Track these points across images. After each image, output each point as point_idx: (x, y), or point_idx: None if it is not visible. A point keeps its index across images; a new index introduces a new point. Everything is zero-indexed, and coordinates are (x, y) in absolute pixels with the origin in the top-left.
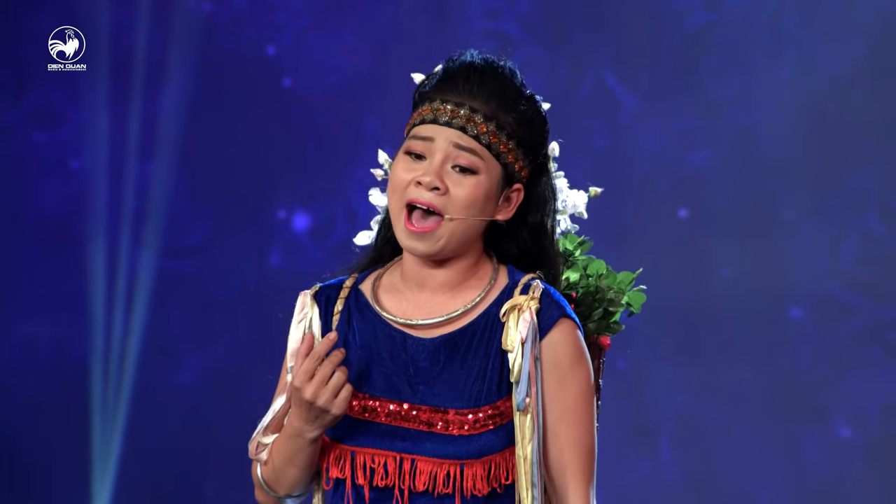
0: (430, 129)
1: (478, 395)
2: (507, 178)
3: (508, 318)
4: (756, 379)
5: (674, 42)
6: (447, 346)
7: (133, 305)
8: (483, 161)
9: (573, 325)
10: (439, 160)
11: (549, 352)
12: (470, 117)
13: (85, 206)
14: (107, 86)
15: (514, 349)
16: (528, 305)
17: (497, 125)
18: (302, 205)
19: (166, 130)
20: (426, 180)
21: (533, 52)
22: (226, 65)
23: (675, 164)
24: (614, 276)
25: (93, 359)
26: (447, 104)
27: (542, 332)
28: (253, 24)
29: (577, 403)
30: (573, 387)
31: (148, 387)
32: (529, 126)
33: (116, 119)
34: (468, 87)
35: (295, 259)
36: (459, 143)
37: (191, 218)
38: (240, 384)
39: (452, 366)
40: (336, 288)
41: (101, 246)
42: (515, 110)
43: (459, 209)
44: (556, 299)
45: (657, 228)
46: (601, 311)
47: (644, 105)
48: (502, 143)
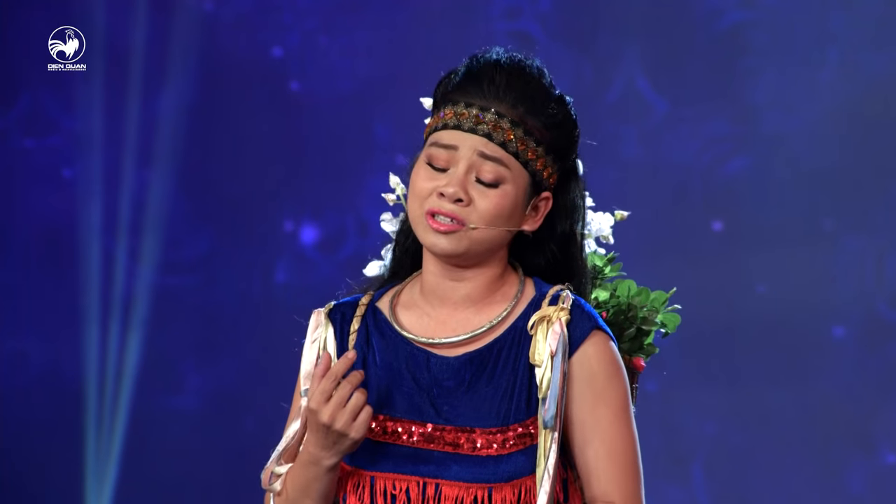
0: (452, 135)
1: (506, 414)
2: (535, 185)
3: (537, 330)
4: (796, 403)
5: (707, 42)
6: (472, 364)
7: (130, 323)
8: (509, 170)
9: (607, 338)
10: (463, 170)
11: (582, 366)
12: (496, 123)
13: (78, 216)
14: (102, 89)
15: (542, 363)
16: (558, 317)
17: (525, 131)
18: (310, 216)
19: (165, 137)
20: (449, 192)
21: (556, 53)
22: (228, 67)
23: (708, 173)
24: (647, 294)
25: (87, 380)
26: (472, 108)
27: (573, 346)
28: (257, 25)
29: (617, 419)
30: (612, 402)
31: (145, 411)
32: (559, 130)
33: (112, 124)
34: (493, 90)
35: (302, 274)
36: (485, 152)
37: (191, 230)
38: (244, 409)
39: (478, 384)
40: (351, 306)
41: (96, 259)
42: (544, 114)
43: (483, 220)
44: (588, 311)
45: (689, 242)
46: (633, 331)
47: (675, 110)
48: (530, 149)
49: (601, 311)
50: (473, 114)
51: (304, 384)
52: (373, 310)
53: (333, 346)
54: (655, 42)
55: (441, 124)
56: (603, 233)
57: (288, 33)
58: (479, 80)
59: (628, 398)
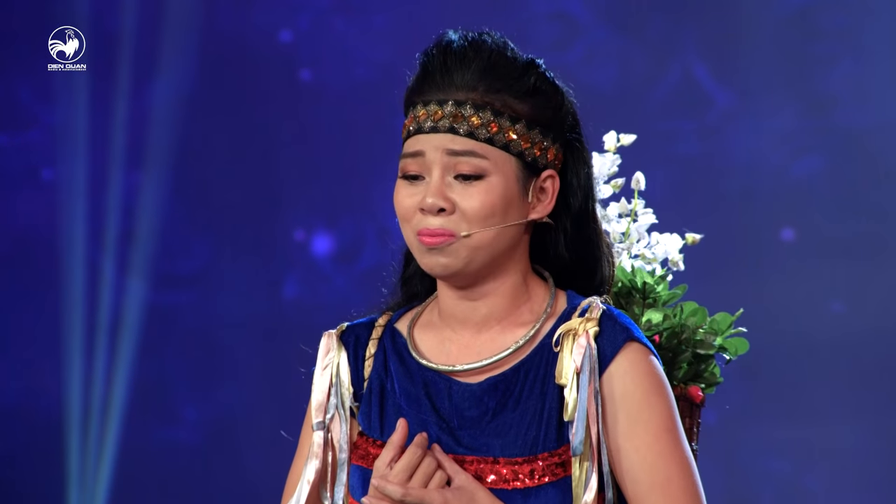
0: (416, 141)
1: (533, 442)
2: (530, 167)
3: (563, 346)
4: (877, 440)
5: (775, 24)
6: (497, 391)
7: (118, 346)
8: (488, 160)
9: (644, 350)
10: (437, 175)
11: (616, 383)
12: (456, 113)
13: (59, 224)
14: (86, 78)
15: (568, 382)
16: (585, 329)
17: (493, 111)
18: (323, 223)
19: (158, 133)
20: (428, 203)
21: (603, 38)
22: (230, 54)
23: (777, 174)
24: (703, 315)
25: (68, 412)
26: (429, 105)
27: (604, 361)
28: (263, 5)
29: (659, 440)
30: (653, 421)
31: (136, 445)
32: (535, 99)
33: (97, 118)
34: (447, 78)
35: (315, 290)
36: (452, 149)
37: (188, 239)
38: (247, 443)
39: (504, 411)
40: (366, 327)
41: (79, 273)
42: (512, 86)
43: (475, 223)
44: (622, 321)
45: (755, 253)
46: (689, 356)
47: (739, 102)
48: (507, 130)
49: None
50: (432, 111)
51: (316, 416)
52: (391, 332)
53: (347, 373)
54: (715, 24)
55: (405, 133)
56: (671, 257)
57: (298, 14)
58: (432, 72)
59: (674, 419)
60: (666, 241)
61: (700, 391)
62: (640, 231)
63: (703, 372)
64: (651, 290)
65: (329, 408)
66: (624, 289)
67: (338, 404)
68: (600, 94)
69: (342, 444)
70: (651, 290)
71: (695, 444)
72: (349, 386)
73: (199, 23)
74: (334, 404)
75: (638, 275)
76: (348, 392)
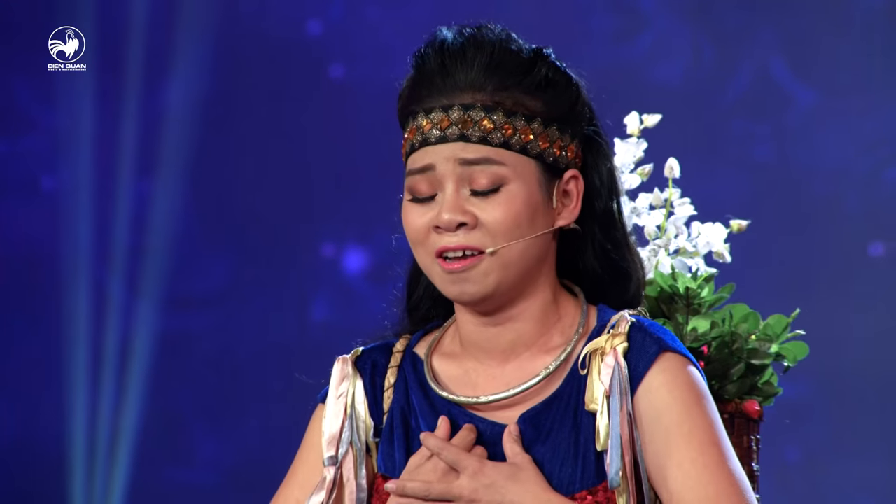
0: (424, 154)
1: (569, 481)
2: (551, 169)
3: (590, 367)
4: None
5: (863, 15)
6: (527, 426)
7: (126, 376)
8: (506, 166)
9: (681, 359)
10: (452, 189)
11: (653, 398)
12: (465, 118)
13: (61, 239)
14: (92, 77)
15: (598, 407)
16: (612, 346)
17: (505, 111)
18: (356, 238)
19: (171, 137)
20: (445, 220)
21: (670, 30)
22: (252, 49)
23: (865, 182)
24: (756, 320)
25: (72, 447)
26: (433, 113)
27: (636, 378)
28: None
29: (704, 454)
30: (696, 434)
31: (147, 486)
32: (549, 93)
33: (104, 121)
34: (449, 80)
35: (347, 312)
36: (466, 158)
37: (205, 256)
38: (271, 485)
39: (535, 447)
40: (383, 352)
41: (84, 293)
42: (522, 81)
43: (500, 236)
44: (653, 331)
45: (842, 270)
46: (742, 367)
47: (823, 101)
48: (522, 131)
49: (700, 346)
50: (437, 119)
51: (328, 450)
52: (411, 358)
53: (364, 405)
54: (796, 13)
55: (409, 147)
56: (714, 248)
57: (328, 3)
58: (431, 75)
59: (719, 432)
60: (708, 232)
61: (757, 405)
62: (677, 224)
63: (759, 383)
64: (695, 294)
65: (342, 442)
66: (664, 294)
67: (353, 439)
68: (666, 92)
69: (361, 484)
70: (695, 295)
71: (755, 465)
72: (366, 419)
73: (216, 14)
74: (347, 439)
75: (679, 279)
76: (365, 426)
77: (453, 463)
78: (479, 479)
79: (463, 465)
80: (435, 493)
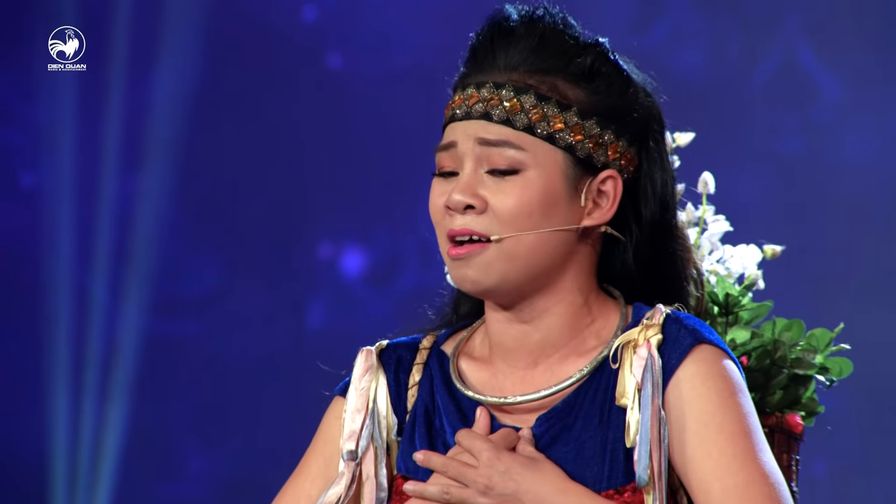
0: (450, 131)
1: (596, 479)
2: (584, 164)
3: (622, 360)
4: None
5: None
6: (553, 424)
7: (111, 384)
8: (527, 152)
9: (718, 353)
10: (470, 169)
11: (684, 388)
12: (492, 97)
13: (41, 239)
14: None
15: (629, 402)
16: (645, 338)
17: (538, 95)
18: (355, 237)
19: (158, 131)
20: (454, 200)
21: (690, 16)
22: (244, 37)
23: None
24: (800, 329)
25: (52, 461)
26: (468, 89)
27: (668, 371)
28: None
29: (735, 444)
30: (726, 425)
31: (132, 502)
32: (595, 82)
33: (86, 115)
34: (490, 57)
35: (345, 317)
36: (485, 138)
37: (195, 257)
38: (264, 498)
39: (556, 446)
40: (410, 349)
41: (65, 297)
42: (565, 67)
43: (508, 224)
44: (690, 324)
45: (874, 275)
46: (784, 378)
47: (854, 93)
48: (552, 118)
49: (739, 356)
50: (468, 95)
51: (348, 444)
52: (438, 356)
53: (386, 401)
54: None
55: (444, 122)
56: (748, 273)
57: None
58: (477, 51)
59: (753, 424)
60: (742, 255)
61: (799, 419)
62: (712, 241)
63: (803, 397)
64: (735, 302)
65: (363, 437)
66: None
67: (375, 436)
68: (686, 83)
69: (381, 482)
70: (735, 304)
71: (794, 485)
72: (388, 415)
73: (206, 1)
74: (368, 434)
75: (720, 285)
76: (387, 423)
77: (469, 448)
78: (494, 465)
79: (477, 450)
80: (451, 474)
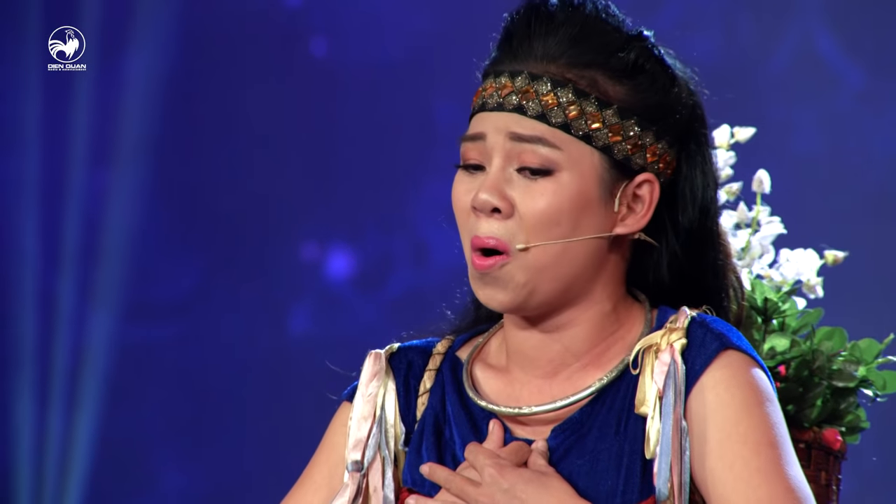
0: (479, 121)
1: (609, 494)
2: (620, 167)
3: (643, 366)
4: None
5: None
6: (568, 436)
7: (79, 393)
8: (561, 152)
9: (746, 359)
10: (498, 165)
11: (708, 395)
12: (527, 89)
13: (4, 238)
14: (40, 55)
15: (650, 410)
16: (669, 342)
17: (576, 91)
18: (341, 238)
19: (131, 122)
20: (480, 200)
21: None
22: (221, 22)
23: None
24: (842, 337)
25: (17, 476)
26: (501, 77)
27: (692, 377)
28: None
29: (760, 455)
30: (751, 435)
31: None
32: (638, 80)
33: (53, 105)
34: (526, 45)
35: (331, 322)
36: (517, 133)
37: (170, 258)
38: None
39: (569, 458)
40: (422, 353)
41: (30, 301)
42: (606, 61)
43: (534, 232)
44: (715, 327)
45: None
46: (824, 389)
47: (877, 83)
48: (591, 116)
49: (776, 365)
50: (501, 84)
51: (353, 453)
52: (452, 362)
53: (394, 409)
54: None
55: (471, 111)
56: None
57: None
58: (512, 36)
59: (780, 435)
60: (798, 260)
61: (839, 436)
62: (763, 244)
63: (844, 413)
64: (774, 308)
65: (369, 447)
66: None
67: (381, 445)
68: (696, 71)
69: (388, 496)
70: (774, 309)
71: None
72: (396, 424)
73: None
74: (375, 444)
75: (758, 289)
76: (394, 432)
77: (472, 464)
78: (498, 482)
79: (480, 465)
80: (454, 491)
